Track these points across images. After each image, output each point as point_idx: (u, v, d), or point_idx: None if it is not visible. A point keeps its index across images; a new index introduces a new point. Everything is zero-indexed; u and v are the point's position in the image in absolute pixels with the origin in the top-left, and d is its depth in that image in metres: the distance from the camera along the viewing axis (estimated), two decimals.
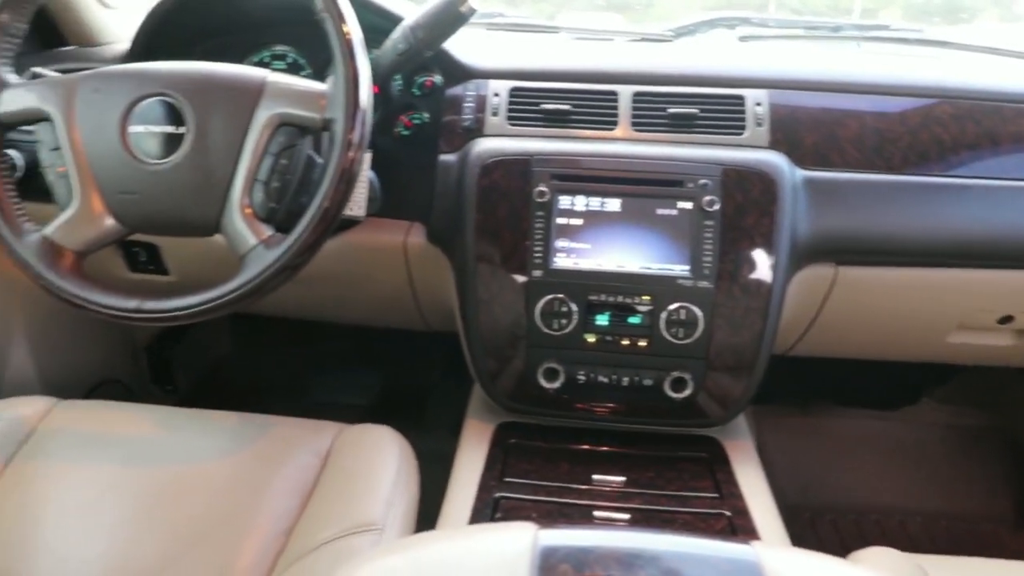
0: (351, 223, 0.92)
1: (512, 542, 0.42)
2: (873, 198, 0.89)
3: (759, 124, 0.91)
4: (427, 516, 0.82)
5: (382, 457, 0.81)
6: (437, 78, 1.01)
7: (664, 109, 0.92)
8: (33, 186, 0.96)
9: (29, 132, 0.95)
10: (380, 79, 0.91)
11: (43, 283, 0.71)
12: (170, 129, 0.72)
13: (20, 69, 0.78)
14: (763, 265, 0.84)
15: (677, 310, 0.84)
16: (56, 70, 0.81)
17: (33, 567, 0.69)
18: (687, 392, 0.86)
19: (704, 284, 0.84)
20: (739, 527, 0.76)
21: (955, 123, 0.91)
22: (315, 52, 1.06)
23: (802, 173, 0.89)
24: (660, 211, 0.86)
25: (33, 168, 0.98)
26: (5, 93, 0.74)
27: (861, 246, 0.89)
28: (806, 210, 0.88)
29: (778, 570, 0.40)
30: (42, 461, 0.80)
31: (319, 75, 1.05)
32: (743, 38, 1.33)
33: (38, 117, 0.74)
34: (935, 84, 0.95)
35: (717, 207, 0.84)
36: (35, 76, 0.79)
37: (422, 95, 1.02)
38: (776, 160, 0.88)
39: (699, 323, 0.84)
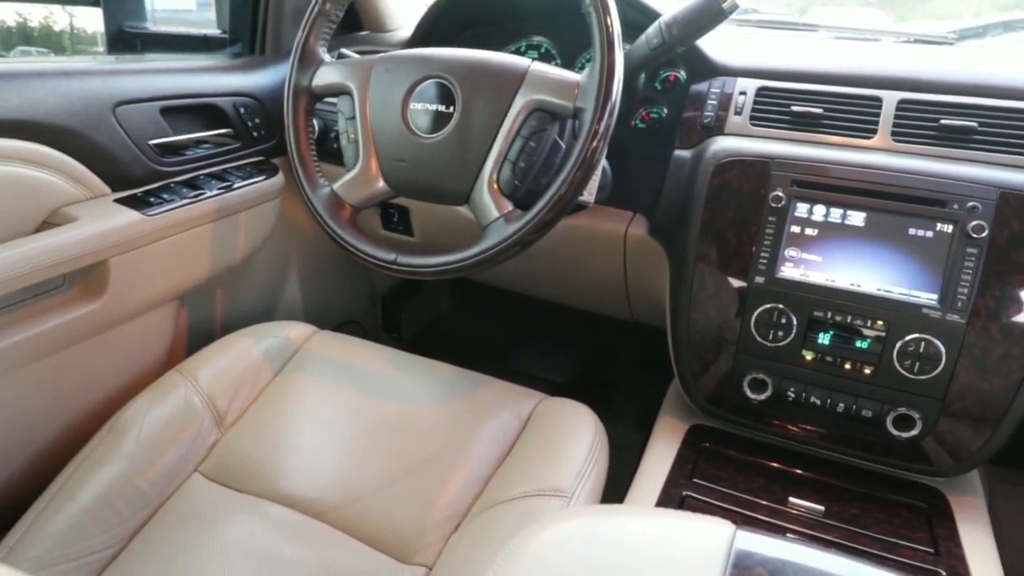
0: (580, 207, 0.96)
1: (710, 535, 0.43)
2: None
3: None
4: (613, 498, 0.84)
5: (578, 430, 0.85)
6: (681, 74, 1.01)
7: (935, 120, 0.83)
8: (323, 148, 1.16)
9: (327, 103, 1.13)
10: (629, 73, 0.93)
11: (328, 229, 0.85)
12: (442, 108, 0.81)
13: (330, 49, 0.93)
14: None
15: (916, 341, 0.77)
16: (357, 52, 0.95)
17: (288, 460, 0.84)
18: (913, 432, 0.78)
19: (954, 318, 0.75)
20: None
21: None
22: (567, 43, 1.11)
23: None
24: (912, 231, 0.78)
25: (325, 133, 1.17)
26: (321, 69, 0.88)
27: None
28: None
29: None
30: (302, 376, 0.96)
31: (568, 64, 1.11)
32: None
33: (342, 91, 0.87)
34: None
35: (986, 234, 0.75)
36: (341, 56, 0.93)
37: (663, 90, 1.03)
38: None
39: (941, 359, 0.76)
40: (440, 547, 0.75)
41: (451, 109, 0.80)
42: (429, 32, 1.13)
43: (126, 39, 1.25)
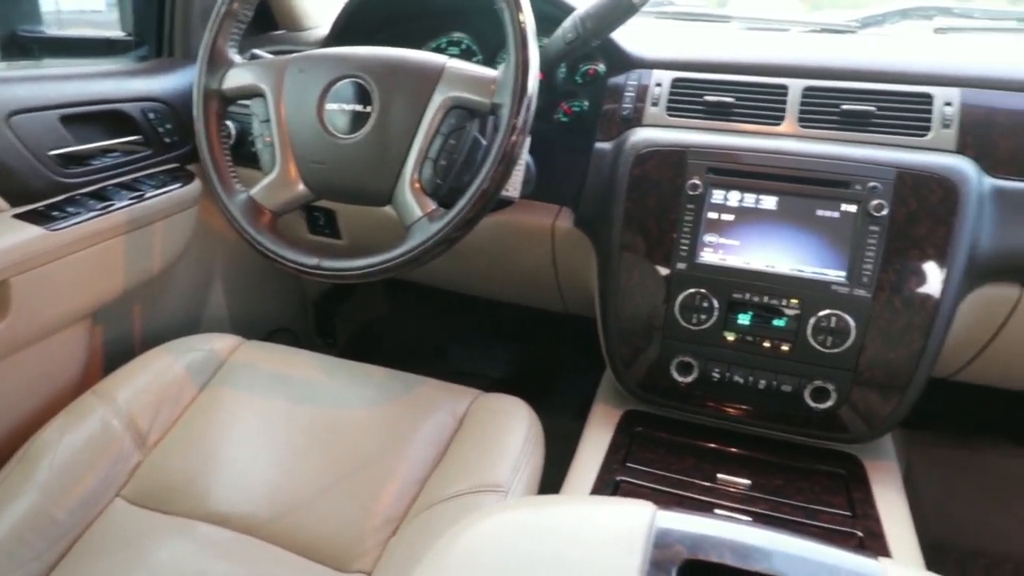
0: (506, 203, 0.97)
1: (631, 517, 0.44)
2: None
3: (946, 126, 0.83)
4: (549, 488, 0.85)
5: (512, 425, 0.85)
6: (600, 67, 1.03)
7: (837, 106, 0.87)
8: (241, 153, 1.12)
9: (243, 105, 1.10)
10: (547, 67, 0.94)
11: (246, 236, 0.83)
12: (359, 108, 0.80)
13: (241, 51, 0.90)
14: (932, 279, 0.78)
15: (827, 317, 0.81)
16: (270, 52, 0.92)
17: (217, 477, 0.82)
18: (828, 403, 0.82)
19: (861, 293, 0.80)
20: (870, 549, 0.73)
21: None
22: (487, 39, 1.11)
23: (992, 182, 0.81)
24: (820, 212, 0.82)
25: (243, 137, 1.13)
26: (231, 71, 0.85)
27: None
28: (992, 223, 0.80)
29: None
30: (229, 389, 0.93)
31: (490, 61, 1.11)
32: (940, 30, 1.21)
33: (254, 92, 0.85)
34: None
35: (885, 212, 0.79)
36: (253, 57, 0.91)
37: (584, 83, 1.04)
38: (962, 166, 0.80)
39: (851, 333, 0.80)
40: (379, 552, 0.74)
41: (368, 109, 0.79)
42: (346, 30, 1.11)
43: (21, 44, 1.18)
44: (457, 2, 1.10)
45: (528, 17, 0.74)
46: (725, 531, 0.43)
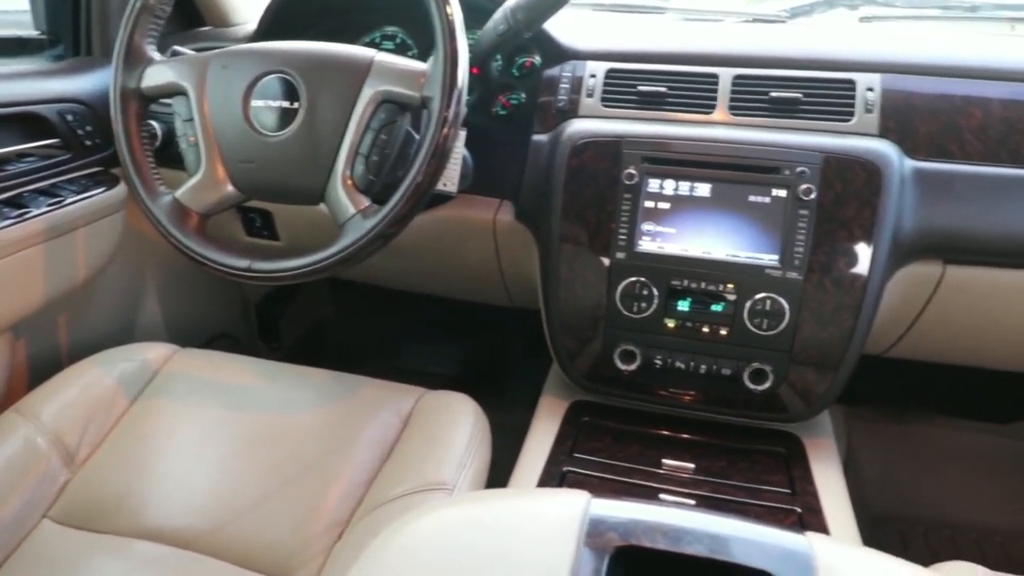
0: (444, 198, 0.96)
1: (565, 507, 0.44)
2: (993, 193, 0.82)
3: (869, 111, 0.86)
4: (498, 483, 0.85)
5: (458, 422, 0.85)
6: (537, 59, 1.03)
7: (766, 93, 0.89)
8: (169, 154, 1.08)
9: (168, 105, 1.06)
10: (480, 59, 0.94)
11: (171, 240, 0.80)
12: (286, 104, 0.77)
13: (163, 48, 0.87)
14: (859, 259, 0.81)
15: (763, 300, 0.82)
16: (193, 48, 0.89)
17: (151, 491, 0.79)
18: (767, 384, 0.84)
19: (793, 275, 0.82)
20: (809, 524, 0.75)
21: None
22: (422, 33, 1.10)
23: (912, 164, 0.84)
24: (752, 198, 0.84)
25: (170, 138, 1.09)
26: (149, 69, 0.82)
27: (974, 244, 0.83)
28: (914, 203, 0.83)
29: (832, 564, 0.40)
30: (163, 400, 0.90)
31: (425, 55, 1.09)
32: (864, 19, 1.25)
33: (176, 91, 0.81)
34: None
35: (813, 196, 0.81)
36: (175, 54, 0.87)
37: (521, 76, 1.04)
38: (884, 149, 0.83)
39: (785, 315, 0.82)
40: (323, 558, 0.73)
41: (296, 105, 0.77)
42: (274, 26, 1.08)
43: None
44: None
45: (456, 8, 0.73)
46: (658, 516, 0.43)
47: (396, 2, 1.09)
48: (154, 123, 1.05)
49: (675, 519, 0.43)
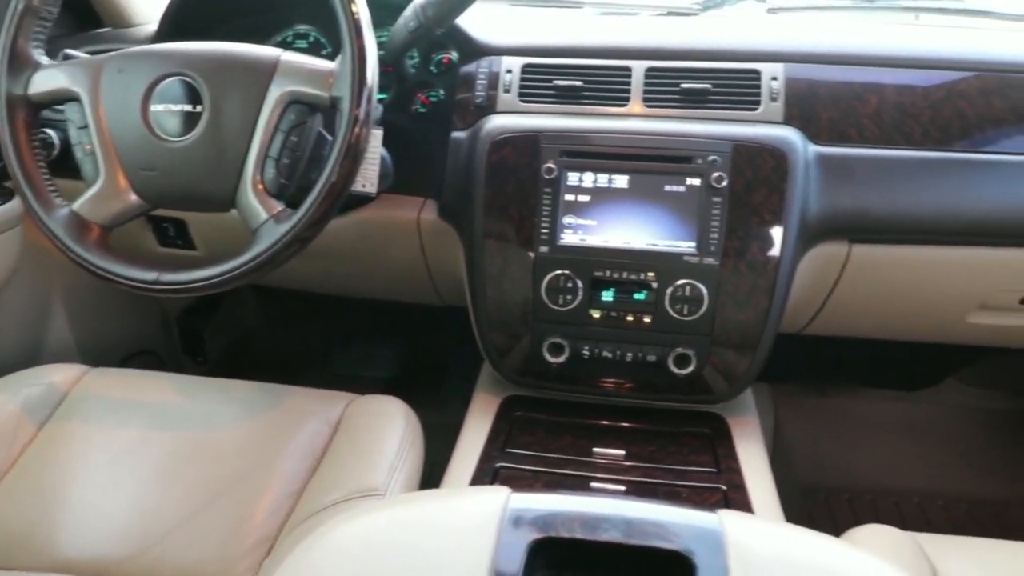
0: (365, 199, 0.94)
1: (485, 504, 0.44)
2: (890, 174, 0.87)
3: (774, 99, 0.89)
4: (435, 484, 0.84)
5: (388, 426, 0.84)
6: (454, 55, 1.02)
7: (677, 85, 0.91)
8: (68, 164, 1.02)
9: (62, 111, 1.00)
10: (393, 57, 0.92)
11: (70, 255, 0.75)
12: (188, 108, 0.74)
13: (55, 51, 0.82)
14: (771, 242, 0.84)
15: (682, 287, 0.84)
16: (88, 52, 0.84)
17: (64, 520, 0.74)
18: (690, 368, 0.87)
19: (710, 261, 0.84)
20: (734, 501, 0.77)
21: (981, 97, 0.88)
22: (335, 31, 1.07)
23: (816, 149, 0.87)
24: (668, 188, 0.86)
25: (68, 147, 1.03)
26: (37, 74, 0.77)
27: (875, 224, 0.88)
28: (819, 187, 0.87)
29: (741, 539, 0.41)
30: (73, 425, 0.85)
31: (339, 53, 1.07)
32: (772, 10, 1.29)
33: (67, 97, 0.77)
34: (963, 56, 0.92)
35: (725, 183, 0.84)
36: (66, 58, 0.82)
37: (439, 72, 1.03)
38: (789, 136, 0.86)
39: (704, 300, 0.84)
40: (253, 575, 0.71)
41: (199, 109, 0.74)
42: (177, 26, 1.03)
43: None
44: None
45: (361, 5, 0.72)
46: (575, 506, 0.43)
47: (307, 0, 1.07)
48: (50, 132, 0.99)
49: (591, 507, 0.43)
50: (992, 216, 0.87)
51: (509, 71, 0.95)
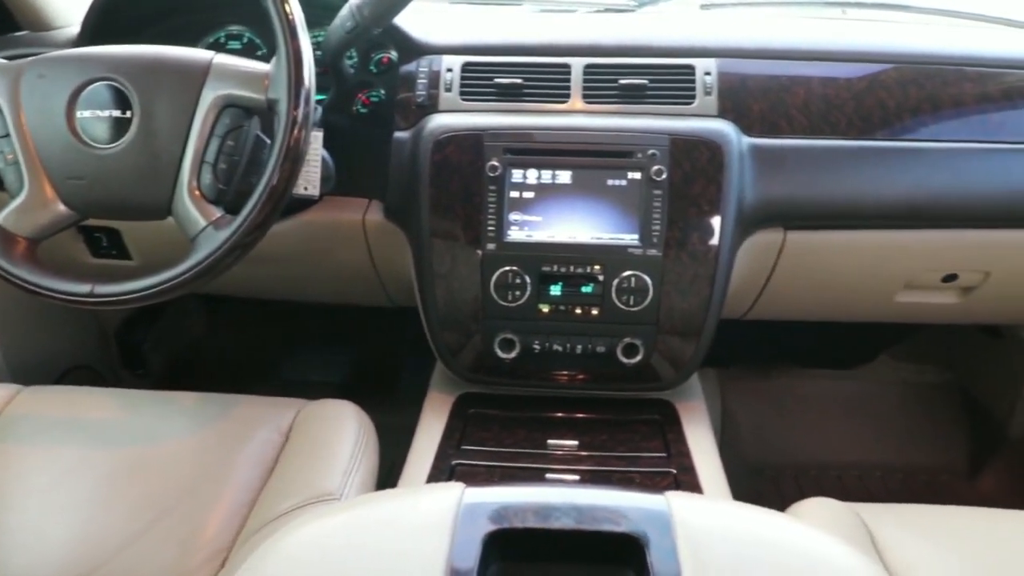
0: (307, 202, 0.93)
1: (440, 500, 0.44)
2: (819, 163, 0.91)
3: (708, 93, 0.92)
4: (391, 485, 0.84)
5: (341, 430, 0.83)
6: (393, 54, 1.01)
7: (615, 81, 0.93)
8: None
9: None
10: (330, 57, 0.91)
11: None
12: (117, 113, 0.72)
13: None
14: (710, 232, 0.87)
15: (628, 278, 0.86)
16: (4, 56, 0.81)
17: (1, 547, 0.71)
18: (639, 357, 0.89)
19: (653, 252, 0.86)
20: (684, 483, 0.80)
21: (899, 88, 0.92)
22: (269, 31, 1.05)
23: (749, 140, 0.91)
24: (610, 182, 0.88)
25: None
26: None
27: (807, 211, 0.92)
28: (753, 177, 0.90)
29: (686, 518, 0.43)
30: (6, 447, 0.81)
31: (274, 54, 1.05)
32: (705, 6, 1.33)
33: None
34: (882, 49, 0.97)
35: (665, 176, 0.86)
36: None
37: (379, 72, 1.02)
38: (723, 128, 0.89)
39: (649, 290, 0.86)
40: None
41: (128, 114, 0.72)
42: (102, 28, 0.99)
43: None
44: None
45: (295, 6, 0.71)
46: (527, 496, 0.44)
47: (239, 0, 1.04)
48: None
49: (543, 497, 0.44)
50: (912, 200, 0.91)
51: (449, 70, 0.95)
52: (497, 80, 0.94)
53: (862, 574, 0.44)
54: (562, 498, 0.44)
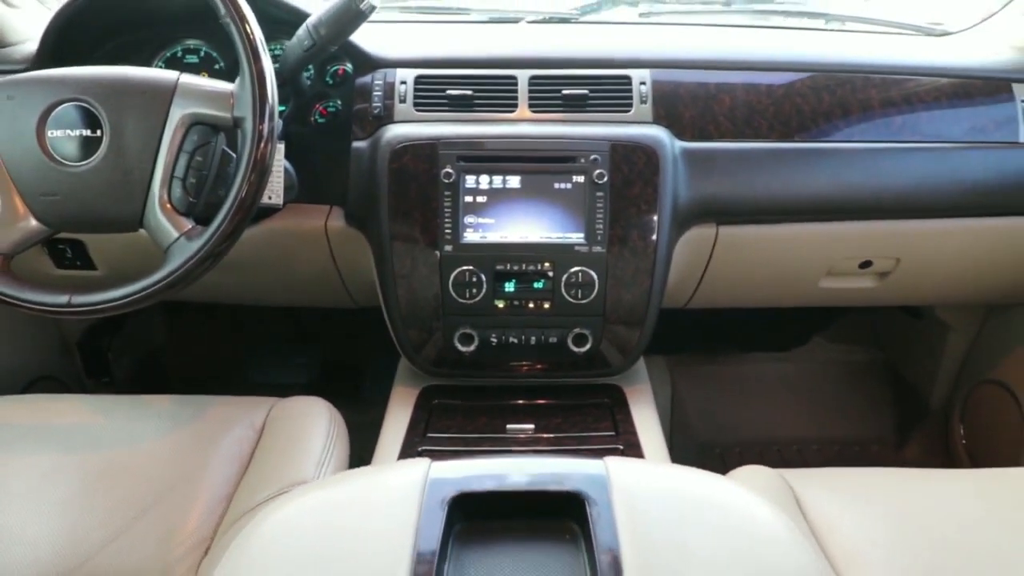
0: (272, 211, 0.97)
1: (408, 476, 0.51)
2: (744, 164, 1.00)
3: (643, 102, 1.00)
4: None
5: (313, 424, 0.88)
6: (348, 67, 1.06)
7: (559, 91, 1.00)
8: None
9: None
10: (289, 73, 0.96)
11: None
12: (87, 132, 0.76)
13: None
14: (648, 229, 0.95)
15: (575, 274, 0.94)
16: None
17: None
18: (588, 346, 0.96)
19: (598, 249, 0.94)
20: (629, 456, 0.88)
21: (812, 94, 1.02)
22: (227, 46, 1.09)
23: (681, 145, 0.99)
24: (557, 185, 0.95)
25: None
26: None
27: (735, 207, 1.01)
28: (686, 178, 0.98)
29: (623, 478, 0.50)
30: None
31: (233, 68, 1.09)
32: (643, 15, 1.41)
33: None
34: (799, 59, 1.06)
35: (606, 179, 0.93)
36: None
37: (335, 84, 1.07)
38: (658, 134, 0.97)
39: (595, 284, 0.94)
40: None
41: (99, 133, 0.76)
42: (61, 45, 1.01)
43: None
44: (186, 7, 1.06)
45: (255, 29, 0.75)
46: (486, 467, 0.51)
47: (195, 15, 1.07)
48: None
49: (500, 467, 0.51)
50: (828, 195, 1.01)
51: (403, 83, 1.01)
52: (449, 92, 1.00)
53: (772, 518, 0.52)
54: (516, 467, 0.51)
